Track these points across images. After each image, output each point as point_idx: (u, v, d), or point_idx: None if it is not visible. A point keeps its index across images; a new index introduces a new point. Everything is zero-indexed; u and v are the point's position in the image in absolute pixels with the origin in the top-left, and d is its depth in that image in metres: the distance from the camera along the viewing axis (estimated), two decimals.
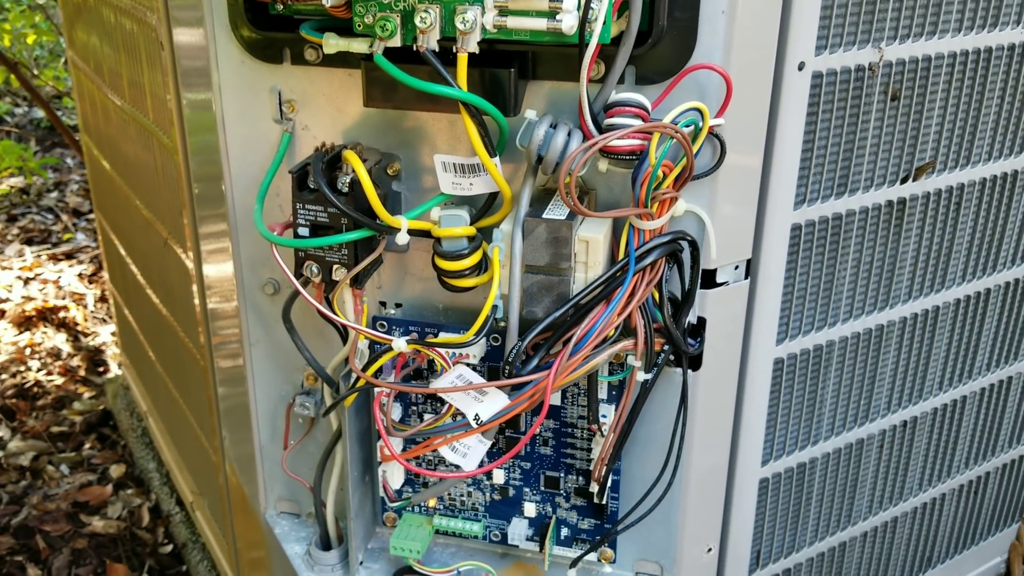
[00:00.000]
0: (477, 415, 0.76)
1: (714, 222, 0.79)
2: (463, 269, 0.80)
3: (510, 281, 0.77)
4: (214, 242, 0.99)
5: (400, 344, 0.79)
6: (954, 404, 1.10)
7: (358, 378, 0.83)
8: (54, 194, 3.68)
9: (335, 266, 0.81)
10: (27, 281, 2.80)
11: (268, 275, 0.94)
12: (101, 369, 2.28)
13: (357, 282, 0.81)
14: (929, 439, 1.11)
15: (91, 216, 3.35)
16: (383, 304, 0.91)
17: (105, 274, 2.05)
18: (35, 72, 3.41)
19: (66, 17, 1.73)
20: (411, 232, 0.81)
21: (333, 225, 0.80)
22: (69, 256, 3.01)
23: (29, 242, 3.17)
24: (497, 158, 0.77)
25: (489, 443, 0.81)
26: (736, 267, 0.84)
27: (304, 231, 0.80)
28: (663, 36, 0.74)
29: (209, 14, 0.85)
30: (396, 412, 0.89)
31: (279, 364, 0.97)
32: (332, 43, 0.76)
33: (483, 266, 0.81)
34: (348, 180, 0.79)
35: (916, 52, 0.86)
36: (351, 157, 0.78)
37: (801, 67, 0.79)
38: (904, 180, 0.92)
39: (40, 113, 4.26)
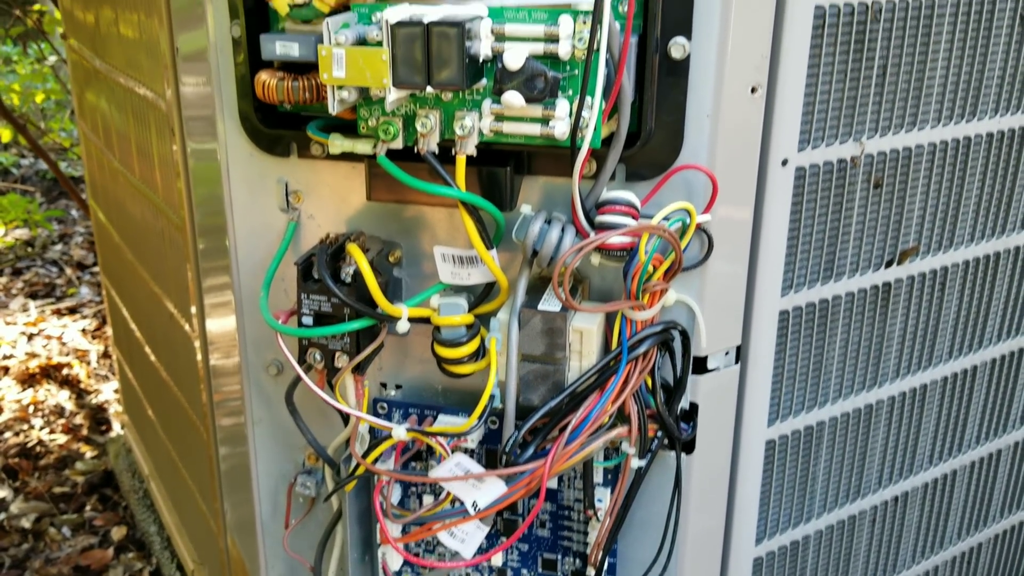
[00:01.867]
0: (475, 502, 0.78)
1: (704, 311, 0.82)
2: (461, 356, 0.82)
3: (507, 370, 0.80)
4: (219, 319, 1.02)
5: (400, 432, 0.82)
6: (945, 478, 1.12)
7: (358, 463, 0.85)
8: (59, 246, 3.72)
9: (338, 353, 0.83)
10: (31, 337, 2.82)
11: (272, 356, 0.96)
12: (104, 427, 2.30)
13: (359, 369, 0.84)
14: (921, 512, 1.12)
15: (95, 269, 3.39)
16: (384, 385, 0.94)
17: (108, 329, 2.07)
18: (42, 127, 3.47)
19: (75, 82, 1.78)
20: (411, 319, 0.84)
21: (336, 314, 0.82)
22: (73, 311, 3.04)
23: (33, 296, 3.21)
24: (494, 250, 0.80)
25: (487, 529, 0.83)
26: (726, 353, 0.86)
27: (308, 320, 0.83)
28: (651, 137, 0.77)
29: (220, 110, 0.89)
30: (396, 494, 0.91)
31: (281, 442, 0.99)
32: (338, 144, 0.80)
33: (481, 352, 0.84)
34: (351, 271, 0.82)
35: (897, 144, 0.90)
36: (353, 250, 0.81)
37: (784, 163, 0.82)
38: (889, 264, 0.95)
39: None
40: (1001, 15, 0.92)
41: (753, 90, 0.78)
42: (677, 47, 0.75)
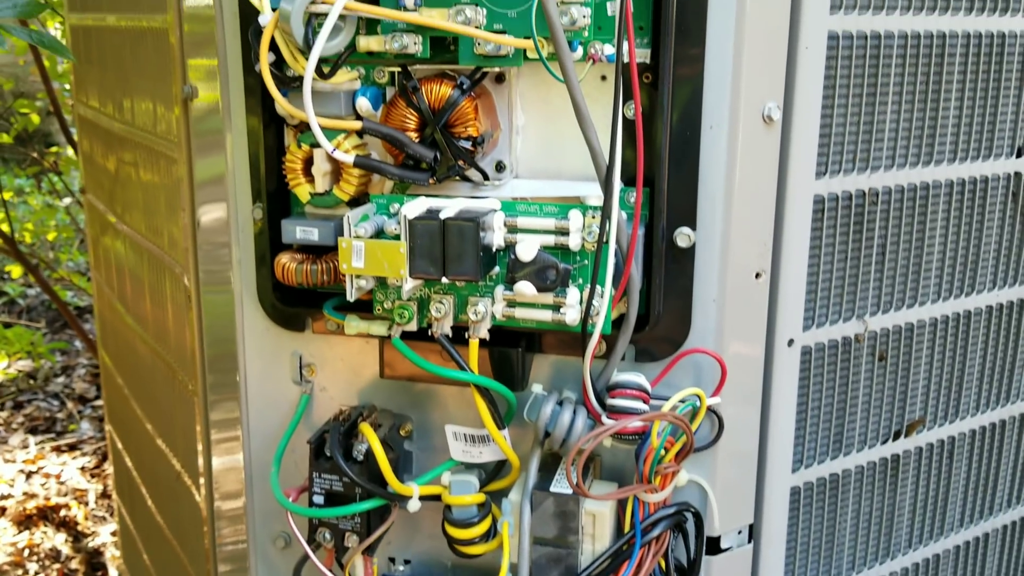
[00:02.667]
0: None
1: (716, 491, 0.82)
2: (473, 537, 0.82)
3: (519, 552, 0.79)
4: (228, 487, 1.01)
5: None
6: None
7: None
8: (61, 379, 3.72)
9: (348, 533, 0.83)
10: (29, 475, 2.79)
11: (280, 528, 0.96)
12: (99, 573, 2.25)
13: (369, 550, 0.84)
14: None
15: (97, 403, 3.38)
16: (392, 560, 0.93)
17: (108, 467, 2.05)
18: (51, 256, 3.52)
19: (90, 228, 1.82)
20: (422, 498, 0.84)
21: (348, 493, 0.83)
22: (73, 447, 3.01)
23: (34, 431, 3.19)
24: (506, 430, 0.81)
25: None
26: (739, 532, 0.86)
27: (319, 499, 0.83)
28: (660, 321, 0.79)
29: (238, 282, 0.91)
30: None
31: None
32: (353, 325, 0.82)
33: (492, 532, 0.83)
34: (363, 449, 0.82)
35: (899, 320, 0.92)
36: (366, 430, 0.82)
37: (791, 343, 0.84)
38: (896, 436, 0.95)
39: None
40: (994, 192, 0.95)
41: (757, 275, 0.81)
42: (683, 237, 0.78)
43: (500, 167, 0.83)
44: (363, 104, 0.80)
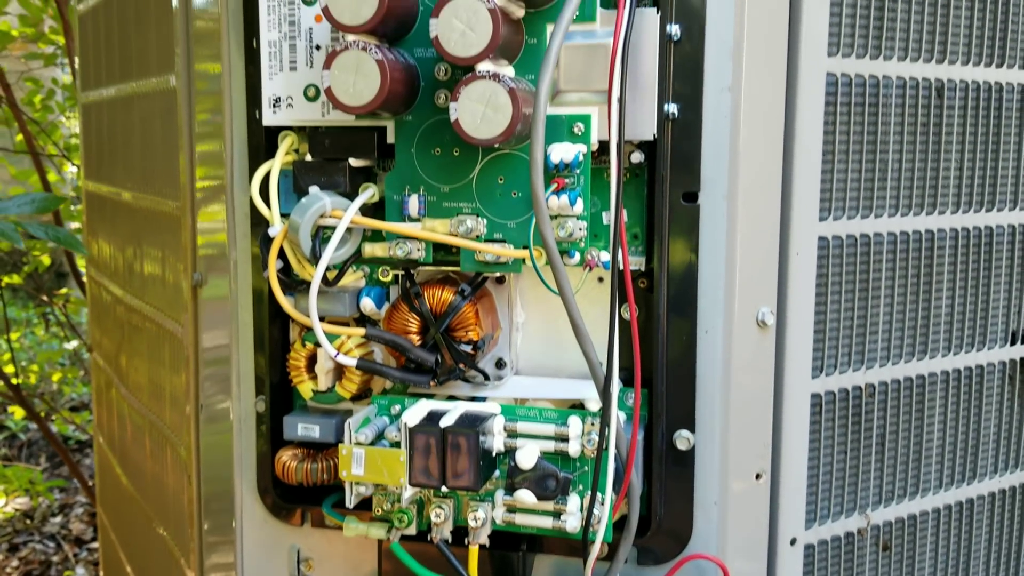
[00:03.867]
0: None
1: None
2: None
3: None
4: None
5: None
6: None
7: None
8: (58, 519, 3.66)
9: None
10: None
11: None
12: None
13: None
14: None
15: (93, 545, 3.32)
16: None
17: None
18: (53, 405, 3.52)
19: (95, 394, 1.82)
20: None
21: None
22: None
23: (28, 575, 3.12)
24: None
25: None
26: None
27: None
28: (661, 525, 0.79)
29: (239, 478, 0.91)
30: None
31: None
32: (352, 527, 0.81)
33: None
34: None
35: (902, 512, 0.91)
36: None
37: (793, 542, 0.83)
38: None
39: (53, 427, 4.35)
40: (991, 378, 0.96)
41: (758, 476, 0.81)
42: (682, 440, 0.78)
43: (501, 364, 0.84)
44: (367, 304, 0.82)
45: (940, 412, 0.93)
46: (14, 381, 2.48)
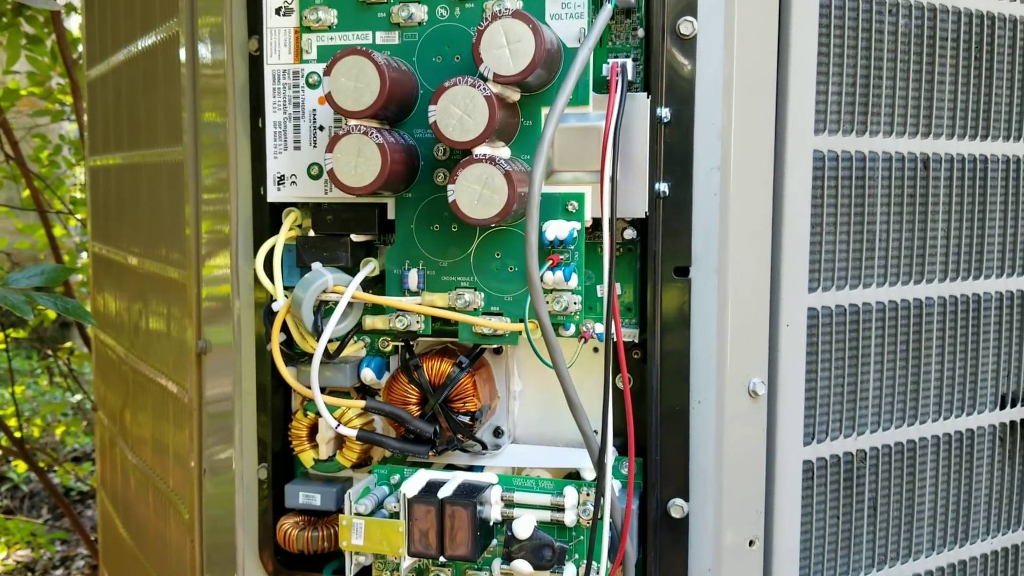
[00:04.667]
0: None
1: None
2: None
3: None
4: None
5: None
6: None
7: None
8: (59, 571, 3.64)
9: None
10: None
11: None
12: None
13: None
14: None
15: None
16: None
17: None
18: (56, 458, 3.52)
19: (99, 452, 1.84)
20: None
21: None
22: None
23: None
24: None
25: None
26: None
27: None
28: None
29: (240, 538, 0.93)
30: None
31: None
32: None
33: None
34: None
35: (895, 575, 0.92)
36: None
37: None
38: None
39: (55, 479, 4.34)
40: (981, 441, 0.98)
41: (751, 543, 0.82)
42: (676, 508, 0.80)
43: (498, 432, 0.86)
44: (367, 375, 0.84)
45: (931, 476, 0.94)
46: (17, 435, 2.50)
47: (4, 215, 3.11)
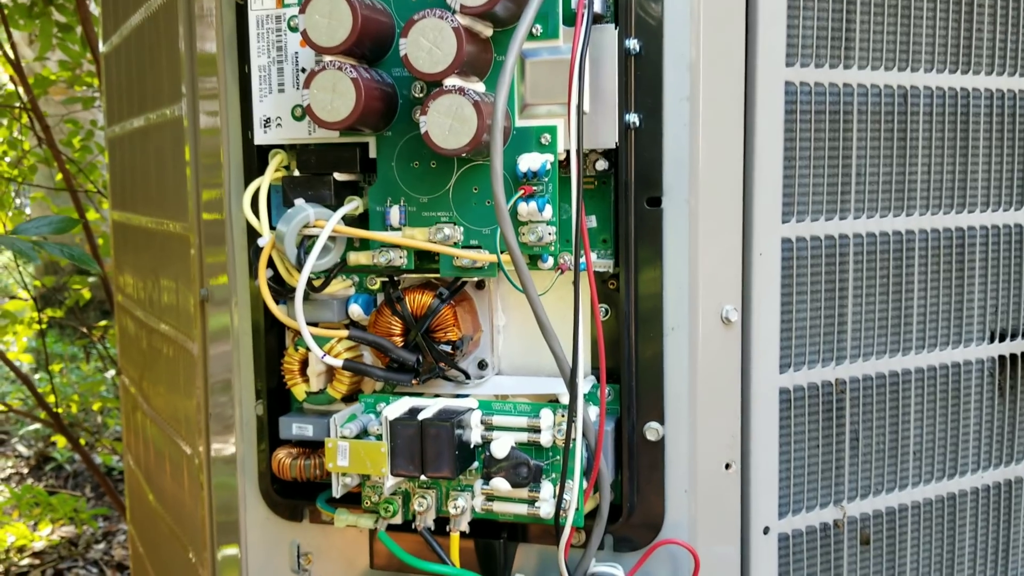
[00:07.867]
0: None
1: None
2: None
3: None
4: None
5: None
6: None
7: None
8: (101, 545, 3.75)
9: None
10: None
11: None
12: None
13: None
14: None
15: None
16: None
17: None
18: (94, 433, 3.62)
19: (124, 414, 1.89)
20: None
21: None
22: None
23: None
24: None
25: None
26: None
27: None
28: (633, 512, 0.83)
29: (241, 475, 0.97)
30: None
31: None
32: (342, 519, 0.86)
33: None
34: None
35: (880, 505, 0.93)
36: None
37: (766, 531, 0.86)
38: None
39: (97, 458, 4.46)
40: (968, 376, 0.99)
41: (727, 466, 0.84)
42: (651, 431, 0.82)
43: (483, 365, 0.89)
44: (355, 310, 0.88)
45: (917, 408, 0.95)
46: (56, 410, 2.57)
47: (40, 200, 3.19)
